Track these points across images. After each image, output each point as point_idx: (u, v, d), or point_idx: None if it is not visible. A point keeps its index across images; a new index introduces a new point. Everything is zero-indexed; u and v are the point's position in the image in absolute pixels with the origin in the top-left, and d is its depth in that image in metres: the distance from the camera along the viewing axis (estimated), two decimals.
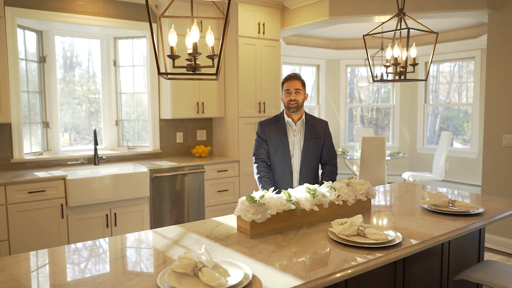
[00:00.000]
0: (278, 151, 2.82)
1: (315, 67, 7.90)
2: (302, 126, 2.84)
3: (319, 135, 2.85)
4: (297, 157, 2.81)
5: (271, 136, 2.84)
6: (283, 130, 2.81)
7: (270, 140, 2.84)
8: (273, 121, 2.87)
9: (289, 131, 2.81)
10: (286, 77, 2.79)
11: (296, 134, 2.82)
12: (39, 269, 1.58)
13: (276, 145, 2.82)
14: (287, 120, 2.82)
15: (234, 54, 4.65)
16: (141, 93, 4.85)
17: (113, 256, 1.74)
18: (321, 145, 2.87)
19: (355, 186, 2.27)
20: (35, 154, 4.19)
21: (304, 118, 2.85)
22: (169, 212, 4.25)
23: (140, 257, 1.72)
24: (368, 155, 5.51)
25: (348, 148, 7.87)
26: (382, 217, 2.23)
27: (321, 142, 2.86)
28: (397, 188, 3.07)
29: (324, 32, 6.82)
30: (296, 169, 2.82)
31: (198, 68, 1.58)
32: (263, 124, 2.88)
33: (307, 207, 2.01)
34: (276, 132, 2.82)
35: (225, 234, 1.95)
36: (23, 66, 4.15)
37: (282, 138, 2.80)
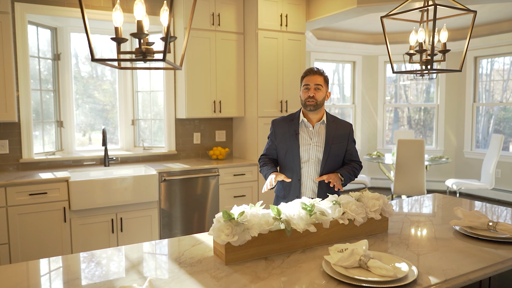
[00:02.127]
0: (288, 155, 2.45)
1: (350, 64, 7.38)
2: (323, 128, 2.44)
3: (342, 140, 2.45)
4: (313, 163, 2.42)
5: (281, 136, 2.48)
6: (294, 130, 2.43)
7: (280, 142, 2.49)
8: (286, 119, 2.50)
9: (303, 133, 2.43)
10: (306, 71, 2.41)
11: (313, 136, 2.42)
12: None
13: (286, 147, 2.45)
14: (302, 120, 2.44)
15: (253, 49, 4.30)
16: (157, 91, 4.62)
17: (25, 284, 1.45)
18: (344, 150, 2.47)
19: (367, 202, 1.85)
20: (47, 154, 4.07)
21: (325, 119, 2.45)
22: (179, 218, 3.97)
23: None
24: (405, 160, 4.96)
25: (385, 151, 7.29)
26: (400, 242, 1.79)
27: (344, 146, 2.47)
28: (429, 202, 2.59)
29: (360, 26, 6.32)
30: (310, 177, 2.43)
31: (150, 53, 1.25)
32: (274, 122, 2.55)
33: (300, 228, 1.62)
34: (287, 132, 2.45)
35: (198, 257, 1.61)
36: (36, 64, 4.03)
37: (292, 139, 2.42)
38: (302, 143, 2.42)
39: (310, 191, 2.44)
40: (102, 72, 4.62)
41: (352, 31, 6.74)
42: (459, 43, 6.50)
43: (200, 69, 4.25)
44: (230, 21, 4.35)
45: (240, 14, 4.40)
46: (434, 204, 2.52)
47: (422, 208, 2.43)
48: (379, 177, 7.42)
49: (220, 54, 4.34)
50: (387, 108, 7.55)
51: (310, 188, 2.44)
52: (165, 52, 1.14)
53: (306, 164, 2.42)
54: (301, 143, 2.42)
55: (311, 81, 2.37)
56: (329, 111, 7.32)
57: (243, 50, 4.47)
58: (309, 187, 2.44)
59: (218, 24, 4.28)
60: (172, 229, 3.94)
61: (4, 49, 3.44)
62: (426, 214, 2.28)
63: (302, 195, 2.44)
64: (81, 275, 1.46)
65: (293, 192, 2.44)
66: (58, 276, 1.48)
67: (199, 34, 4.20)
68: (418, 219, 2.16)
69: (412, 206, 2.46)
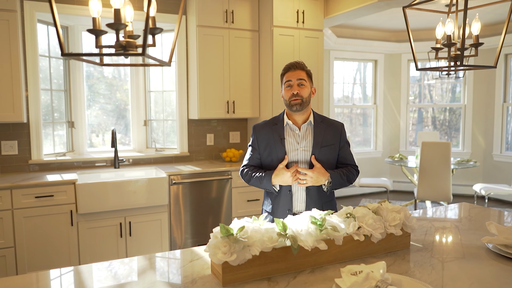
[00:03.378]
0: (274, 163, 2.15)
1: (372, 63, 7.11)
2: (310, 130, 2.17)
3: (333, 142, 2.18)
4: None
5: (265, 143, 2.18)
6: (279, 135, 2.15)
7: (264, 150, 2.19)
8: (269, 124, 2.21)
9: (289, 137, 2.15)
10: (286, 66, 2.13)
11: (300, 140, 2.15)
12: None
13: (271, 155, 2.16)
14: (286, 122, 2.16)
15: (268, 47, 4.12)
16: (170, 91, 4.49)
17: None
18: (336, 154, 2.21)
19: (386, 215, 1.64)
20: (57, 155, 3.99)
21: (312, 120, 2.18)
22: (190, 223, 3.83)
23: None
24: (429, 163, 4.68)
25: (408, 153, 6.99)
26: (424, 261, 1.58)
27: (336, 150, 2.20)
28: (455, 212, 2.35)
29: (382, 23, 6.05)
30: (300, 187, 2.15)
31: (132, 47, 1.09)
32: (256, 128, 2.24)
33: (308, 245, 1.43)
34: (271, 138, 2.16)
35: (194, 276, 1.44)
36: (46, 63, 3.96)
37: (277, 146, 2.14)
38: (289, 148, 2.14)
39: (302, 203, 2.17)
40: (115, 72, 4.52)
41: (373, 29, 6.47)
42: (488, 39, 6.14)
43: (213, 68, 4.09)
44: (244, 18, 4.18)
45: (255, 11, 4.23)
46: (460, 215, 2.28)
47: (447, 220, 2.19)
48: (402, 180, 7.12)
49: (234, 53, 4.17)
50: (410, 108, 7.24)
51: (301, 199, 2.16)
52: (144, 45, 0.98)
53: None
54: (288, 149, 2.14)
55: (293, 76, 2.09)
56: (350, 112, 7.07)
57: (258, 48, 4.30)
58: (300, 198, 2.16)
59: (232, 22, 4.12)
60: (183, 234, 3.79)
61: (11, 48, 3.37)
62: (453, 227, 2.05)
63: (294, 208, 2.17)
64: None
65: (283, 205, 2.15)
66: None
67: (212, 32, 4.04)
68: (443, 233, 1.94)
69: (437, 218, 2.23)
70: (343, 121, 7.02)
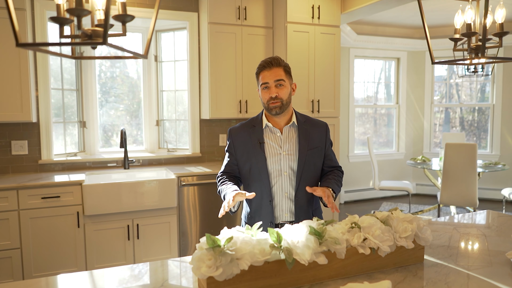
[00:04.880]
0: (253, 171, 1.95)
1: (394, 61, 6.84)
2: (293, 132, 1.98)
3: (318, 143, 1.99)
4: (286, 177, 1.95)
5: (242, 148, 1.99)
6: (258, 139, 1.96)
7: (241, 155, 1.99)
8: (246, 126, 2.01)
9: (270, 140, 1.96)
10: (261, 64, 1.91)
11: (282, 144, 1.96)
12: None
13: (249, 161, 1.96)
14: (266, 125, 1.98)
15: (282, 44, 3.96)
16: (182, 91, 4.40)
17: None
18: (322, 157, 2.02)
19: (397, 225, 1.47)
20: (68, 155, 3.96)
21: (295, 120, 1.98)
22: (200, 226, 3.71)
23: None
24: (453, 166, 4.42)
25: (433, 155, 6.69)
26: (438, 279, 1.40)
27: (322, 152, 2.02)
28: (482, 220, 2.14)
29: (405, 19, 5.79)
30: (285, 195, 1.96)
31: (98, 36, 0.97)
32: (232, 132, 2.04)
33: (305, 259, 1.28)
34: (249, 142, 1.96)
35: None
36: (58, 62, 3.94)
37: (256, 151, 1.94)
38: (269, 153, 1.94)
39: (287, 213, 1.97)
40: (127, 71, 4.47)
41: (395, 25, 6.22)
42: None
43: (224, 67, 3.97)
44: (257, 14, 4.04)
45: (269, 7, 4.08)
46: (490, 224, 2.07)
47: (470, 230, 1.99)
48: (425, 183, 6.83)
49: (247, 51, 4.04)
50: (436, 108, 6.93)
51: (286, 209, 1.97)
52: (105, 32, 0.86)
53: (277, 179, 1.95)
54: (268, 154, 1.94)
55: (269, 77, 1.88)
56: (375, 112, 6.84)
57: (272, 45, 4.15)
58: (285, 208, 1.97)
59: (245, 18, 3.99)
60: (192, 237, 3.69)
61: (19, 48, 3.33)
62: (475, 238, 1.85)
63: (276, 219, 1.98)
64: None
65: (265, 217, 1.95)
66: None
67: (224, 29, 3.92)
68: (464, 245, 1.74)
69: (458, 226, 2.03)
70: (368, 122, 6.80)
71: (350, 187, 6.51)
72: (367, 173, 6.56)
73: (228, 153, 2.06)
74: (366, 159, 6.51)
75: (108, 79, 4.38)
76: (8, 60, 3.30)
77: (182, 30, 4.29)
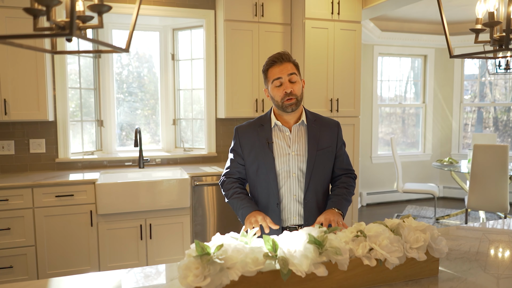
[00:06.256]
0: (260, 171, 1.87)
1: (420, 58, 6.59)
2: (303, 131, 1.89)
3: (329, 144, 1.90)
4: (295, 179, 1.86)
5: (249, 148, 1.90)
6: (266, 138, 1.87)
7: (248, 155, 1.90)
8: (254, 125, 1.93)
9: (278, 140, 1.87)
10: (270, 60, 1.82)
11: (291, 143, 1.87)
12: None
13: (257, 162, 1.88)
14: (275, 123, 1.88)
15: (300, 41, 3.84)
16: (199, 89, 4.35)
17: None
18: (332, 158, 1.92)
19: (408, 234, 1.34)
20: (85, 154, 3.98)
21: (304, 119, 1.89)
22: (213, 227, 3.65)
23: None
24: (482, 169, 4.18)
25: (462, 157, 6.39)
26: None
27: (333, 152, 1.92)
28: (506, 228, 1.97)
29: (432, 14, 5.55)
30: (294, 197, 1.87)
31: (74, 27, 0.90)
32: (239, 130, 1.95)
33: (302, 270, 1.17)
34: (256, 141, 1.87)
35: None
36: (76, 61, 3.96)
37: (264, 151, 1.85)
38: (278, 153, 1.85)
39: (295, 216, 1.88)
40: (145, 70, 4.46)
41: (422, 21, 5.97)
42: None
43: (241, 65, 3.89)
44: (275, 11, 3.94)
45: (287, 3, 3.97)
46: None
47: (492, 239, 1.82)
48: (453, 186, 6.54)
49: (264, 48, 3.94)
50: (469, 108, 6.62)
51: (294, 212, 1.88)
52: (71, 23, 0.79)
53: (286, 181, 1.86)
54: (276, 154, 1.85)
55: (281, 72, 1.78)
56: (403, 112, 6.61)
57: (290, 43, 4.03)
58: (293, 211, 1.87)
59: (262, 15, 3.89)
60: (206, 238, 3.62)
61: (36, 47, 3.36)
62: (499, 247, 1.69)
63: (284, 223, 1.88)
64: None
65: (272, 220, 1.82)
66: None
67: (240, 26, 3.84)
68: (485, 257, 1.59)
69: (479, 235, 1.87)
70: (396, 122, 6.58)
71: (373, 189, 6.30)
72: (391, 175, 6.33)
73: (234, 153, 1.96)
74: (390, 160, 6.29)
75: (125, 78, 4.38)
76: (24, 59, 3.33)
77: (199, 28, 4.24)
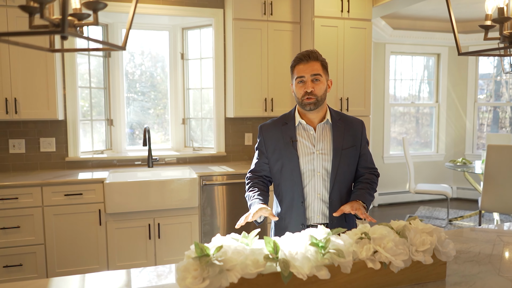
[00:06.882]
0: (284, 170, 1.86)
1: (434, 57, 6.48)
2: (328, 130, 1.87)
3: (353, 143, 1.88)
4: (319, 178, 1.84)
5: (273, 146, 1.89)
6: (290, 137, 1.86)
7: (272, 153, 1.90)
8: (278, 123, 1.92)
9: (302, 139, 1.86)
10: (297, 57, 1.82)
11: (316, 142, 1.85)
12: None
13: (281, 160, 1.86)
14: (299, 122, 1.88)
15: (309, 40, 3.80)
16: (208, 89, 4.34)
17: None
18: (357, 157, 1.91)
19: (414, 237, 1.30)
20: (95, 153, 4.00)
21: (329, 118, 1.88)
22: (222, 227, 3.63)
23: None
24: (496, 169, 4.08)
25: (476, 157, 6.27)
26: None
27: (357, 151, 1.90)
28: None
29: (445, 12, 5.45)
30: (318, 196, 1.86)
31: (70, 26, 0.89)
32: (263, 128, 1.95)
33: (303, 272, 1.15)
34: (281, 140, 1.87)
35: None
36: (86, 61, 3.99)
37: (288, 149, 1.85)
38: (302, 152, 1.84)
39: (319, 215, 1.87)
40: (155, 69, 4.47)
41: (435, 19, 5.87)
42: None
43: (249, 64, 3.87)
44: (284, 9, 3.90)
45: (296, 1, 3.93)
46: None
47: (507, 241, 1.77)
48: (467, 187, 6.42)
49: (273, 47, 3.91)
50: (484, 107, 6.49)
51: (318, 211, 1.86)
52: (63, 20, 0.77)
53: (310, 180, 1.84)
54: (301, 153, 1.84)
55: (305, 71, 1.79)
56: (417, 112, 6.51)
57: (299, 41, 4.00)
58: (317, 210, 1.86)
59: (271, 14, 3.86)
60: None
61: None
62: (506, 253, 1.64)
63: (308, 221, 1.87)
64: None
65: (296, 219, 1.86)
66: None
67: (249, 25, 3.82)
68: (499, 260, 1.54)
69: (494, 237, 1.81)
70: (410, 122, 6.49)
71: (385, 189, 6.22)
72: (404, 175, 6.24)
73: (258, 151, 1.97)
74: (403, 160, 6.20)
75: (138, 78, 4.40)
76: (34, 59, 3.36)
77: (208, 27, 4.23)
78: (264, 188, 1.91)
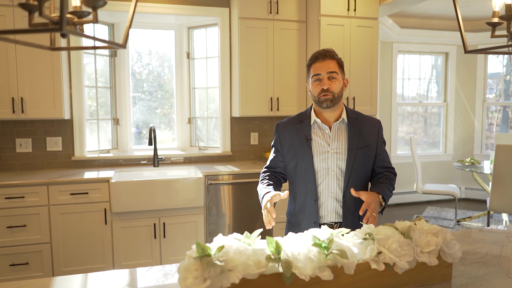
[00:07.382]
0: (298, 168, 1.87)
1: (442, 56, 6.41)
2: (343, 129, 1.87)
3: (369, 142, 1.87)
4: (333, 177, 1.85)
5: (288, 144, 1.91)
6: (305, 135, 1.87)
7: (287, 151, 1.91)
8: (293, 121, 1.94)
9: (317, 137, 1.86)
10: (313, 56, 1.83)
11: (331, 141, 1.85)
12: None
13: (295, 158, 1.88)
14: (314, 120, 1.88)
15: (315, 38, 3.78)
16: (214, 88, 4.34)
17: None
18: (373, 156, 1.90)
19: (419, 238, 1.28)
20: (101, 152, 4.02)
21: (345, 117, 1.87)
22: (227, 227, 3.63)
23: None
24: (505, 170, 4.03)
25: (484, 157, 6.19)
26: None
27: (373, 151, 1.89)
28: None
29: (454, 11, 5.38)
30: (332, 195, 1.86)
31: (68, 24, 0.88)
32: (279, 126, 1.97)
33: (305, 273, 1.13)
34: (296, 138, 1.88)
35: None
36: (92, 60, 4.00)
37: (302, 147, 1.85)
38: (316, 151, 1.84)
39: (332, 214, 1.87)
40: (161, 68, 4.47)
41: (443, 17, 5.81)
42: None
43: (255, 63, 3.85)
44: (290, 8, 3.89)
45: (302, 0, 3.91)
46: None
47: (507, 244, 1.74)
48: (475, 187, 6.34)
49: (279, 46, 3.89)
50: (494, 107, 6.41)
51: (332, 210, 1.86)
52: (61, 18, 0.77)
53: (324, 178, 1.85)
54: (315, 152, 1.84)
55: (321, 69, 1.79)
56: (425, 111, 6.46)
57: (305, 40, 3.97)
58: (330, 209, 1.86)
59: (277, 12, 3.84)
60: None
61: None
62: None
63: (321, 219, 1.87)
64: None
65: (308, 217, 1.87)
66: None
67: (255, 24, 3.81)
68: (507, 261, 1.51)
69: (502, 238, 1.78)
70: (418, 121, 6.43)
71: None
72: (411, 175, 6.19)
73: (274, 148, 2.01)
74: (410, 160, 6.15)
75: (143, 77, 4.41)
76: (41, 58, 3.37)
77: (213, 26, 4.22)
78: (277, 181, 1.93)
